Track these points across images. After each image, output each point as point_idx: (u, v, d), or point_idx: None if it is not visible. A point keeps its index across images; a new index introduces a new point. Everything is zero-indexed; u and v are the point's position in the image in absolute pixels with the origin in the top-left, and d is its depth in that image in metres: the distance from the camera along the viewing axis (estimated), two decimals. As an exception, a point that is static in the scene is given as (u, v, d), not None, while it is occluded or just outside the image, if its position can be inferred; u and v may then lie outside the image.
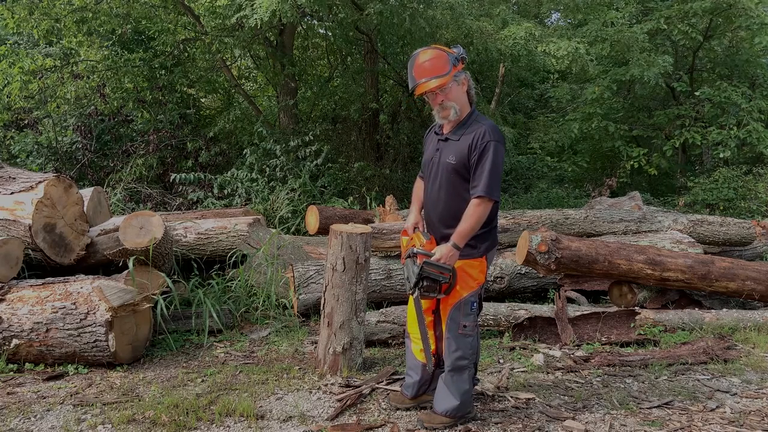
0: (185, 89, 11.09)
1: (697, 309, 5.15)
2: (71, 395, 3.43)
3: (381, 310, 4.57)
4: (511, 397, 3.46)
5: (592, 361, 4.07)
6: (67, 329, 3.75)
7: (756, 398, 3.56)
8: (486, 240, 3.02)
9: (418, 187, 3.29)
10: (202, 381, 3.67)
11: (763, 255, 7.11)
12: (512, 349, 4.33)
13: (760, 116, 10.26)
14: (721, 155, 10.30)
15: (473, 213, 2.89)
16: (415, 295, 2.97)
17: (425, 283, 2.90)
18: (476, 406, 3.27)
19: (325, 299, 3.78)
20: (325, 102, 11.24)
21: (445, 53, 2.94)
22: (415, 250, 3.00)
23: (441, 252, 2.90)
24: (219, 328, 4.57)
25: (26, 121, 10.39)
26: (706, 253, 5.79)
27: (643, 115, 12.62)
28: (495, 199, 2.91)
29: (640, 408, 3.37)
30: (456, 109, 2.98)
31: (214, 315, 4.55)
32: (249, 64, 11.62)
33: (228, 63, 10.57)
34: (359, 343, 3.82)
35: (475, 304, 3.04)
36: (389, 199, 6.84)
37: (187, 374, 3.77)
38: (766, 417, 3.29)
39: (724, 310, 5.10)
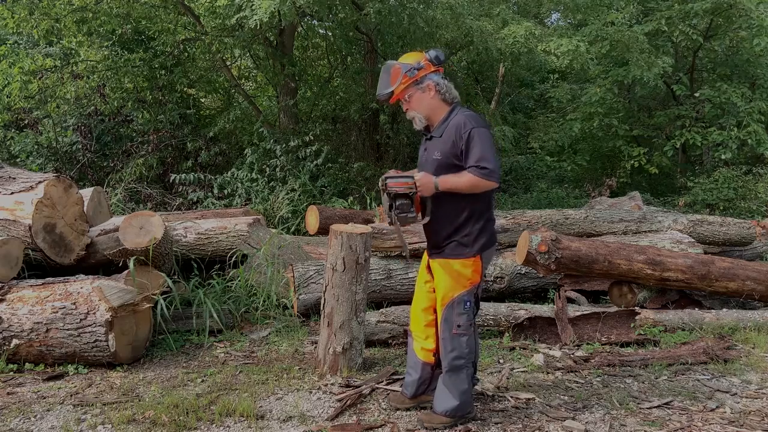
0: (185, 89, 11.08)
1: (697, 309, 5.15)
2: (71, 395, 3.43)
3: (381, 310, 4.57)
4: (511, 397, 3.46)
5: (592, 361, 4.07)
6: (67, 329, 3.75)
7: (756, 398, 3.56)
8: (479, 239, 3.01)
9: None
10: (202, 381, 3.67)
11: (763, 255, 7.11)
12: (512, 349, 4.32)
13: (760, 117, 10.25)
14: (722, 156, 10.28)
15: (463, 176, 2.87)
16: (394, 222, 2.89)
17: (397, 203, 2.86)
18: (476, 406, 3.27)
19: (325, 299, 3.78)
20: (325, 102, 11.23)
21: (399, 67, 3.00)
22: (385, 180, 2.93)
23: (418, 176, 2.91)
24: (219, 328, 4.57)
25: (26, 121, 10.39)
26: (706, 253, 5.78)
27: (643, 115, 12.62)
28: (489, 167, 2.81)
29: (640, 408, 3.37)
30: (419, 116, 3.06)
31: (215, 315, 4.55)
32: (249, 64, 11.62)
33: (228, 63, 10.56)
34: (359, 343, 3.82)
35: (468, 304, 3.04)
36: (389, 199, 6.83)
37: (187, 374, 3.77)
38: (766, 417, 3.29)
39: (724, 310, 5.10)
